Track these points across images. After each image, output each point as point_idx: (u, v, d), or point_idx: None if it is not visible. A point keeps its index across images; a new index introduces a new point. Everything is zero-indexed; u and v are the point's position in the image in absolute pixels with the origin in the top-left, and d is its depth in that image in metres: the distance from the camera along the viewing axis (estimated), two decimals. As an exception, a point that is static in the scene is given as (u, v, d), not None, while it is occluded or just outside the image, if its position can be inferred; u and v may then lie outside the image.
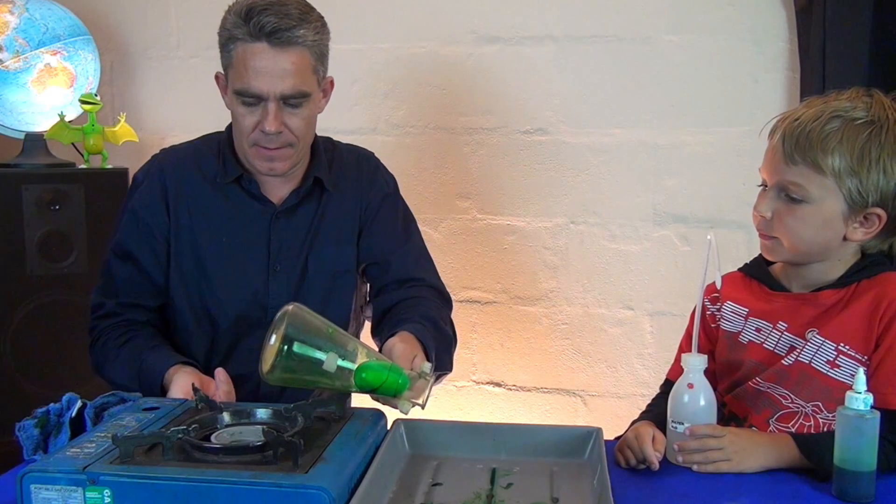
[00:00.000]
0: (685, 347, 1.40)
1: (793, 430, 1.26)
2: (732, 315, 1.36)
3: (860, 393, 1.08)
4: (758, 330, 1.32)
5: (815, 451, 1.16)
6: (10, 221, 2.15)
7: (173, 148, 1.66)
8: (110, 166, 2.33)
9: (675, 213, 2.27)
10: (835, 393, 1.21)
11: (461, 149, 2.39)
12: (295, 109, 1.48)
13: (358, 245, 1.62)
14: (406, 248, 1.64)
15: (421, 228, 1.72)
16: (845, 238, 1.25)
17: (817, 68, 1.99)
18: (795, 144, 1.23)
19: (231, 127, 1.59)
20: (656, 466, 1.17)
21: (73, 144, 2.33)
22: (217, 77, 1.56)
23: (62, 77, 2.26)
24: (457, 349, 1.60)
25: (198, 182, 1.57)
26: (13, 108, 2.23)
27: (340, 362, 1.16)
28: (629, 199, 2.29)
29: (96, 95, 2.31)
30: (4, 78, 2.19)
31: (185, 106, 2.52)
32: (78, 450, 1.04)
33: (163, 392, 1.39)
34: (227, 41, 1.46)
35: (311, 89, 1.48)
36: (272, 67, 1.42)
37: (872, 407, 1.09)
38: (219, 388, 1.34)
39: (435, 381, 1.48)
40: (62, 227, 2.19)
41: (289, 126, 1.48)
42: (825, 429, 1.24)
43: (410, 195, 1.73)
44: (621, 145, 2.28)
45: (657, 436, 1.21)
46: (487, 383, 2.46)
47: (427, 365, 1.24)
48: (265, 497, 0.95)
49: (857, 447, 1.08)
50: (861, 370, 1.10)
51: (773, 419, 1.28)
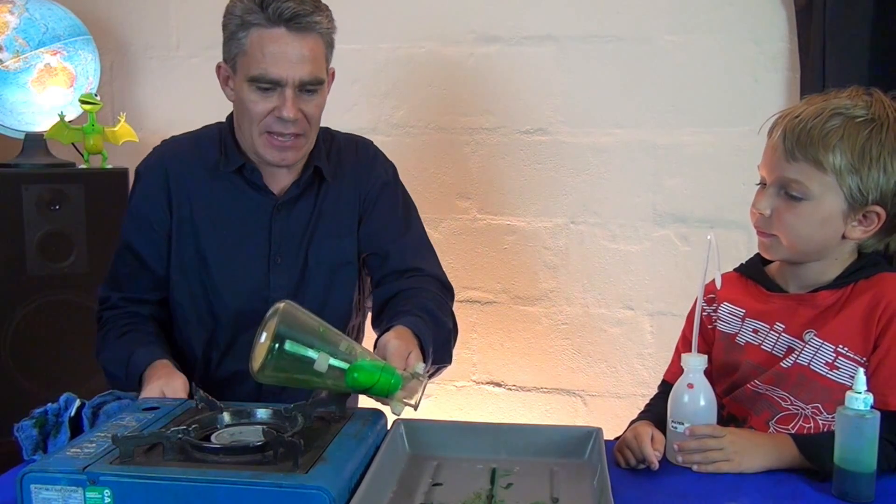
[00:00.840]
0: (681, 349, 1.39)
1: (793, 433, 1.25)
2: (729, 316, 1.36)
3: (860, 393, 1.08)
4: (755, 331, 1.32)
5: (815, 452, 1.16)
6: (10, 221, 2.15)
7: (174, 139, 1.66)
8: (110, 166, 2.33)
9: (675, 213, 2.27)
10: (834, 394, 1.21)
11: (461, 149, 2.39)
12: (310, 96, 1.49)
13: (358, 235, 1.61)
14: (405, 238, 1.62)
15: (421, 228, 1.71)
16: (844, 236, 1.25)
17: (817, 68, 1.99)
18: (796, 141, 1.22)
19: (231, 117, 1.59)
20: (656, 466, 1.17)
21: (73, 144, 2.33)
22: (219, 67, 1.54)
23: (62, 77, 2.26)
24: (457, 349, 1.58)
25: (199, 172, 1.57)
26: (13, 108, 2.23)
27: (332, 361, 1.14)
28: (629, 199, 2.29)
29: (96, 95, 2.31)
30: (4, 78, 2.19)
31: (185, 106, 2.52)
32: (78, 450, 1.04)
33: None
34: (239, 28, 1.45)
35: (324, 77, 1.50)
36: (291, 53, 1.43)
37: (872, 407, 1.09)
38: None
39: (435, 374, 1.47)
40: (62, 227, 2.19)
41: (304, 113, 1.48)
42: (825, 430, 1.24)
43: (411, 195, 1.72)
44: (621, 145, 2.28)
45: (656, 435, 1.21)
46: (487, 383, 2.46)
47: (420, 365, 1.22)
48: (265, 497, 0.95)
49: (857, 447, 1.08)
50: (861, 370, 1.10)
51: (773, 421, 1.28)
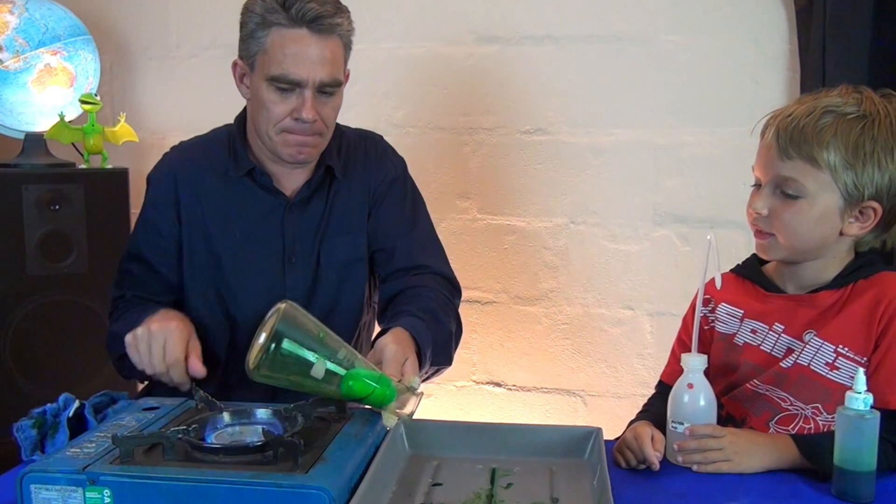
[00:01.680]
0: (678, 351, 1.39)
1: (793, 433, 1.25)
2: (727, 317, 1.36)
3: (860, 393, 1.08)
4: (753, 332, 1.32)
5: (815, 452, 1.16)
6: (10, 221, 2.15)
7: (182, 145, 1.66)
8: (110, 166, 2.33)
9: (675, 213, 2.27)
10: (834, 395, 1.21)
11: (461, 149, 2.39)
12: (328, 98, 1.49)
13: (366, 231, 1.61)
14: (412, 235, 1.61)
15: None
16: (841, 233, 1.25)
17: (817, 68, 1.99)
18: (790, 139, 1.22)
19: (241, 119, 1.59)
20: (657, 466, 1.17)
21: (73, 144, 2.33)
22: (235, 64, 1.54)
23: (62, 77, 2.26)
24: (457, 349, 1.58)
25: (209, 178, 1.57)
26: (13, 108, 2.23)
27: (329, 367, 1.15)
28: (629, 199, 2.29)
29: (96, 95, 2.31)
30: (4, 78, 2.19)
31: (185, 106, 2.52)
32: (78, 450, 1.04)
33: None
34: (259, 27, 1.45)
35: (342, 79, 1.51)
36: (313, 54, 1.44)
37: (872, 407, 1.09)
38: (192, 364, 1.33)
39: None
40: (62, 227, 2.19)
41: (321, 115, 1.48)
42: (825, 430, 1.23)
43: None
44: (621, 145, 2.28)
45: (656, 435, 1.21)
46: (487, 383, 2.46)
47: (416, 380, 1.22)
48: (265, 497, 0.95)
49: (857, 447, 1.08)
50: (861, 370, 1.10)
51: (773, 422, 1.28)
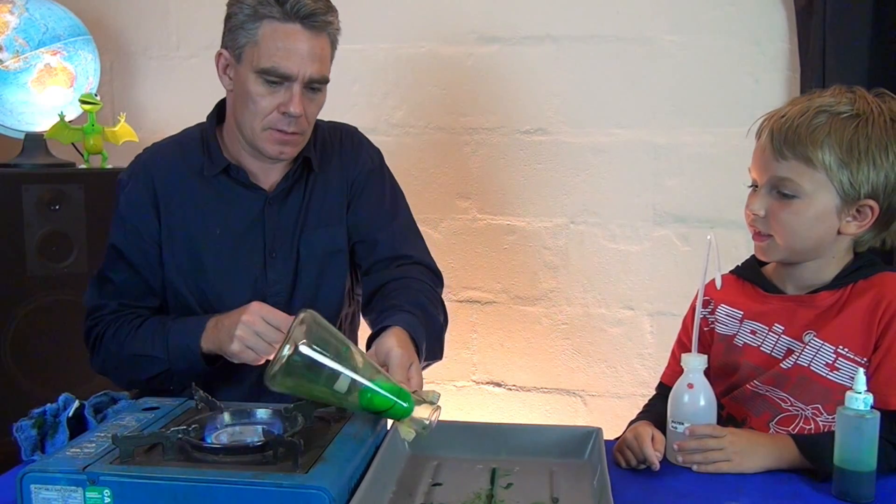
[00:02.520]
0: (677, 352, 1.39)
1: (793, 433, 1.25)
2: (727, 318, 1.36)
3: (860, 393, 1.08)
4: (753, 332, 1.32)
5: (816, 452, 1.16)
6: (10, 221, 2.14)
7: (156, 145, 1.64)
8: (110, 166, 2.33)
9: (675, 213, 2.27)
10: (835, 395, 1.21)
11: (461, 149, 2.39)
12: (314, 94, 1.50)
13: (346, 223, 1.61)
14: (393, 225, 1.62)
15: (421, 228, 1.70)
16: (839, 232, 1.25)
17: (817, 68, 1.99)
18: (784, 140, 1.23)
19: (213, 115, 1.59)
20: (657, 466, 1.17)
21: (73, 144, 2.33)
22: (219, 55, 1.52)
23: (62, 77, 2.26)
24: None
25: (185, 177, 1.56)
26: (13, 108, 2.23)
27: (353, 376, 1.11)
28: (629, 199, 2.29)
29: (96, 95, 2.31)
30: (4, 78, 2.19)
31: (185, 106, 2.51)
32: (78, 450, 1.04)
33: (207, 359, 1.41)
34: (250, 18, 1.44)
35: (329, 76, 1.51)
36: (304, 49, 1.44)
37: (872, 407, 1.09)
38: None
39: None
40: (62, 227, 2.19)
41: (306, 111, 1.48)
42: (825, 431, 1.23)
43: (410, 195, 1.72)
44: (621, 145, 2.28)
45: (656, 436, 1.21)
46: (487, 383, 2.46)
47: (436, 395, 1.19)
48: (265, 497, 0.95)
49: (857, 447, 1.08)
50: (861, 371, 1.10)
51: (774, 422, 1.28)
